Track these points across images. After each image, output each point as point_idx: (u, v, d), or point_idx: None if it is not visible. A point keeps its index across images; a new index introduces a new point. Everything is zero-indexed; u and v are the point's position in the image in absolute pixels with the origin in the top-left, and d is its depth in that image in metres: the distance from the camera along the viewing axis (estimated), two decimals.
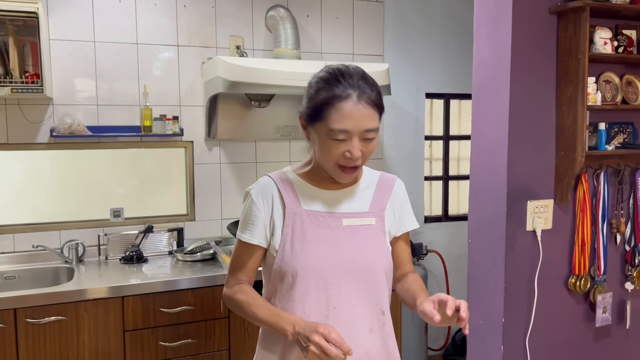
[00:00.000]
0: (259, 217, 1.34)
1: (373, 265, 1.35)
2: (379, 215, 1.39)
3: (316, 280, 1.30)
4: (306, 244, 1.30)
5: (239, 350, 2.57)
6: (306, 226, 1.32)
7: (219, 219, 3.12)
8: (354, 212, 1.36)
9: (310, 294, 1.30)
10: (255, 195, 1.36)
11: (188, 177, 3.05)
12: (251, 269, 1.39)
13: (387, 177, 1.48)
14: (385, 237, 1.39)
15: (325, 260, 1.31)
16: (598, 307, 2.26)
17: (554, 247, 2.20)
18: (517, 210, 2.13)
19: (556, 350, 2.26)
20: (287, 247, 1.31)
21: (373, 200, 1.40)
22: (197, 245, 2.85)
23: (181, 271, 2.61)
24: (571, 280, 2.23)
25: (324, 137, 1.24)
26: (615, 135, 2.24)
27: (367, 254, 1.35)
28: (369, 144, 1.26)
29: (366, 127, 1.23)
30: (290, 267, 1.30)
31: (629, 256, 2.33)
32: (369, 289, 1.34)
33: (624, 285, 2.34)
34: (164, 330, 2.45)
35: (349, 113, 1.20)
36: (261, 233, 1.34)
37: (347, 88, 1.22)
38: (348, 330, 1.29)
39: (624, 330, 2.38)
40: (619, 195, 2.29)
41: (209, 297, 2.51)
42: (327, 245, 1.32)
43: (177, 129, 2.89)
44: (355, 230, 1.35)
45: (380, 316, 1.36)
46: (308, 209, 1.33)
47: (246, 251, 1.36)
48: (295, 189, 1.36)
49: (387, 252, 1.39)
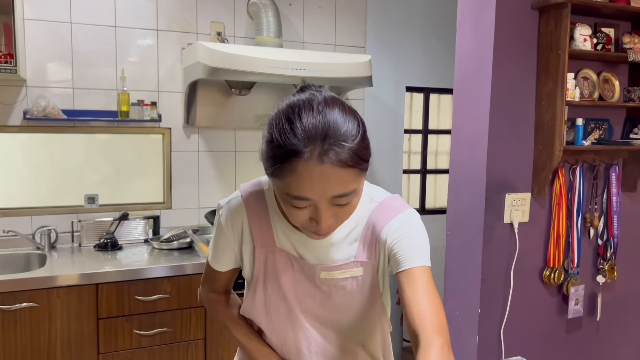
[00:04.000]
0: (227, 246, 1.16)
1: (359, 320, 1.15)
2: (367, 265, 1.10)
3: (294, 327, 1.15)
4: (280, 290, 1.12)
5: (215, 339, 2.55)
6: (279, 269, 1.11)
7: (196, 207, 3.08)
8: (334, 266, 1.09)
9: (288, 339, 1.17)
10: (224, 219, 1.13)
11: (165, 165, 3.00)
12: (223, 285, 1.26)
13: (386, 210, 1.10)
14: (377, 287, 1.14)
15: (301, 310, 1.13)
16: (571, 299, 2.31)
17: (530, 240, 2.24)
18: (495, 203, 2.16)
19: (529, 341, 2.30)
20: (259, 290, 1.13)
21: (360, 247, 1.10)
22: (173, 233, 2.81)
23: (157, 259, 2.57)
24: (546, 272, 2.27)
25: (283, 198, 0.95)
26: (592, 131, 2.28)
27: (349, 309, 1.13)
28: (344, 208, 0.95)
29: (335, 193, 0.91)
30: (266, 312, 1.15)
31: (601, 250, 2.39)
32: (352, 333, 1.18)
33: (596, 278, 2.39)
34: (139, 318, 2.41)
35: (309, 178, 0.88)
36: (230, 260, 1.18)
37: (307, 144, 0.88)
38: None
39: (595, 322, 2.43)
40: (594, 190, 2.34)
41: (186, 285, 2.48)
42: (303, 294, 1.12)
43: (155, 115, 2.84)
44: (335, 282, 1.10)
45: (361, 348, 1.22)
46: (282, 249, 1.11)
47: (217, 272, 1.22)
48: (270, 220, 1.11)
49: (378, 298, 1.15)
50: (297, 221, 0.98)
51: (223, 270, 1.20)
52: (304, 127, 0.89)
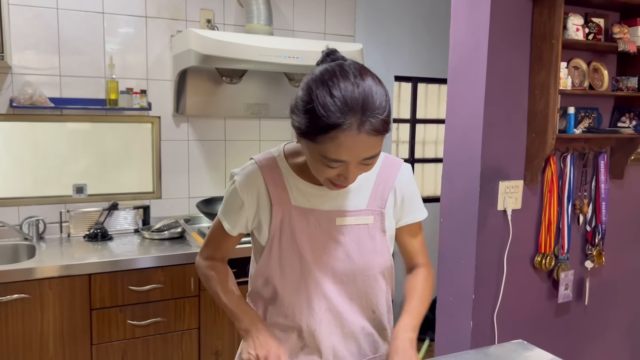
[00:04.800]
0: (241, 210, 1.23)
1: (367, 268, 1.25)
2: (377, 213, 1.25)
3: (306, 283, 1.22)
4: (295, 246, 1.20)
5: (209, 329, 2.55)
6: (295, 225, 1.20)
7: (187, 197, 3.06)
8: (349, 211, 1.23)
9: (300, 297, 1.23)
10: (240, 186, 1.21)
11: (154, 154, 2.97)
12: (226, 250, 1.33)
13: (390, 164, 1.29)
14: (384, 236, 1.26)
15: (315, 263, 1.21)
16: (561, 284, 2.36)
17: (523, 227, 2.28)
18: (489, 190, 2.19)
19: (521, 325, 2.35)
20: (274, 247, 1.21)
21: (372, 195, 1.25)
22: (165, 223, 2.79)
23: (148, 249, 2.55)
24: (537, 258, 2.31)
25: (315, 158, 1.07)
26: (582, 120, 2.32)
27: (360, 257, 1.24)
28: (368, 167, 1.09)
29: (366, 156, 1.04)
30: (279, 269, 1.22)
31: (589, 236, 2.44)
32: (360, 292, 1.27)
33: (584, 264, 2.45)
34: (133, 308, 2.39)
35: (347, 146, 1.01)
36: (241, 225, 1.25)
37: (347, 115, 0.99)
38: (339, 330, 1.28)
39: (582, 306, 2.49)
40: (583, 177, 2.39)
41: (179, 275, 2.47)
42: (318, 246, 1.21)
43: (144, 103, 2.80)
44: (349, 230, 1.22)
45: (371, 314, 1.31)
46: (298, 206, 1.21)
47: (223, 234, 1.28)
48: (284, 181, 1.21)
49: (385, 252, 1.27)
50: (324, 176, 1.09)
51: (234, 233, 1.27)
52: (344, 99, 1.00)
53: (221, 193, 3.13)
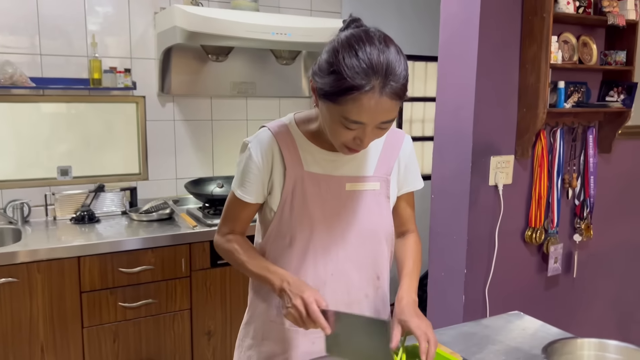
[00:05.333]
0: (257, 176, 1.25)
1: (373, 232, 1.30)
2: (384, 180, 1.31)
3: (314, 247, 1.26)
4: (306, 210, 1.24)
5: (201, 309, 2.54)
6: (307, 190, 1.24)
7: (174, 178, 3.02)
8: (358, 176, 1.28)
9: (307, 260, 1.26)
10: (255, 151, 1.25)
11: (140, 135, 2.92)
12: (245, 222, 1.33)
13: (395, 135, 1.36)
14: (388, 202, 1.32)
15: (325, 227, 1.25)
16: (550, 258, 2.39)
17: (513, 202, 2.30)
18: (480, 166, 2.20)
19: (511, 299, 2.38)
20: (285, 210, 1.25)
21: (379, 162, 1.31)
22: (153, 204, 2.75)
23: (137, 231, 2.52)
24: (527, 232, 2.34)
25: (335, 119, 1.10)
26: (571, 94, 2.33)
27: (368, 221, 1.29)
28: (383, 131, 1.14)
29: (383, 119, 1.09)
30: (289, 233, 1.25)
31: (578, 210, 2.47)
32: (367, 256, 1.31)
33: (573, 237, 2.48)
34: (123, 290, 2.37)
35: (368, 107, 1.05)
36: (258, 191, 1.27)
37: (371, 78, 1.04)
38: (344, 297, 1.30)
39: (571, 279, 2.54)
40: (572, 152, 2.41)
41: (170, 256, 2.44)
42: (328, 210, 1.25)
43: (129, 82, 2.74)
44: (357, 195, 1.28)
45: (375, 281, 1.34)
46: (310, 171, 1.24)
47: (241, 206, 1.29)
48: (297, 147, 1.25)
49: (389, 217, 1.33)
50: (341, 139, 1.13)
51: (252, 201, 1.27)
52: (370, 62, 1.04)
53: (209, 174, 3.09)
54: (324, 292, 1.27)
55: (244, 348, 1.39)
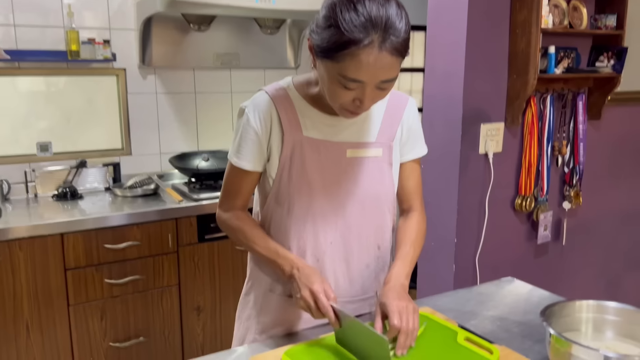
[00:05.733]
0: (255, 141, 1.19)
1: (375, 200, 1.25)
2: (387, 146, 1.25)
3: (313, 215, 1.21)
4: (305, 177, 1.19)
5: (190, 285, 2.50)
6: (306, 156, 1.18)
7: (158, 153, 2.95)
8: (360, 143, 1.22)
9: (306, 229, 1.22)
10: (252, 115, 1.19)
11: (121, 109, 2.84)
12: (246, 194, 1.28)
13: (398, 99, 1.29)
14: (391, 170, 1.26)
15: (324, 194, 1.20)
16: (540, 226, 2.39)
17: (503, 170, 2.28)
18: (470, 134, 2.17)
19: (501, 267, 2.38)
20: (284, 177, 1.19)
21: (382, 128, 1.25)
22: (137, 180, 2.69)
23: (122, 207, 2.46)
24: (517, 201, 2.33)
25: (333, 79, 1.05)
26: (561, 60, 2.30)
27: (369, 189, 1.24)
28: (384, 92, 1.08)
29: (384, 78, 1.03)
30: (287, 201, 1.20)
31: (567, 177, 2.47)
32: (368, 225, 1.26)
33: (562, 205, 2.48)
34: (109, 267, 2.32)
35: (367, 63, 0.99)
36: (256, 157, 1.21)
37: (370, 32, 0.98)
38: (343, 266, 1.27)
39: (560, 247, 2.54)
40: (562, 118, 2.39)
41: (156, 232, 2.40)
42: (328, 178, 1.20)
43: (108, 54, 2.65)
44: (359, 162, 1.22)
45: (376, 251, 1.30)
46: (309, 137, 1.19)
47: (240, 176, 1.24)
48: (296, 111, 1.19)
49: (391, 186, 1.28)
50: (339, 100, 1.07)
51: (250, 168, 1.22)
52: (369, 15, 0.99)
53: (194, 148, 3.03)
54: (323, 261, 1.24)
55: (243, 319, 1.36)
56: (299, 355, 1.08)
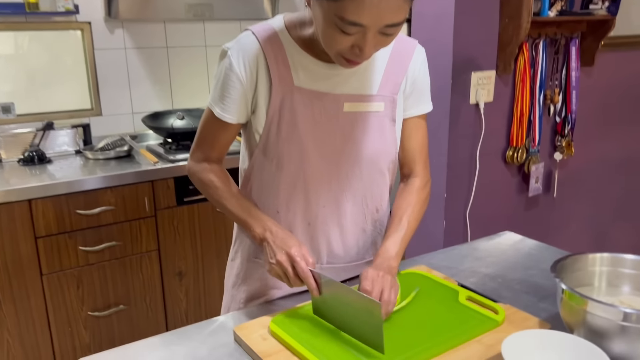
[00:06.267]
0: (239, 90, 1.04)
1: (374, 160, 1.11)
2: (389, 100, 1.10)
3: (305, 176, 1.08)
4: (296, 133, 1.05)
5: (170, 250, 2.40)
6: (297, 109, 1.04)
7: (130, 112, 2.79)
8: (359, 95, 1.07)
9: (297, 191, 1.09)
10: (236, 60, 1.03)
11: (89, 66, 2.65)
12: (223, 147, 1.14)
13: (404, 44, 1.12)
14: (394, 127, 1.12)
15: (317, 153, 1.07)
16: (531, 178, 2.32)
17: (495, 120, 2.19)
18: (461, 83, 2.06)
19: (492, 222, 2.31)
20: (272, 134, 1.06)
21: (384, 78, 1.09)
22: (109, 141, 2.53)
23: (94, 170, 2.31)
24: (509, 152, 2.24)
25: (329, 21, 0.89)
26: (554, 2, 2.18)
27: (368, 148, 1.10)
28: (388, 39, 0.92)
29: (389, 21, 0.88)
30: (275, 159, 1.07)
31: (559, 127, 2.39)
32: (364, 186, 1.13)
33: (553, 156, 2.41)
34: (83, 234, 2.20)
35: (369, 4, 0.84)
36: (240, 109, 1.07)
37: None
38: (337, 231, 1.15)
39: (551, 199, 2.48)
40: (555, 65, 2.29)
41: (132, 195, 2.27)
42: (321, 135, 1.06)
43: (70, 5, 2.45)
44: (358, 117, 1.08)
45: (374, 214, 1.18)
46: (301, 87, 1.04)
47: (219, 126, 1.10)
48: (287, 56, 1.03)
49: (393, 144, 1.13)
50: (336, 47, 0.93)
51: (233, 121, 1.08)
52: None
53: (168, 107, 2.87)
54: (315, 226, 1.13)
55: (229, 286, 1.26)
56: (288, 323, 0.99)
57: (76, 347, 2.27)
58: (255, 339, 0.96)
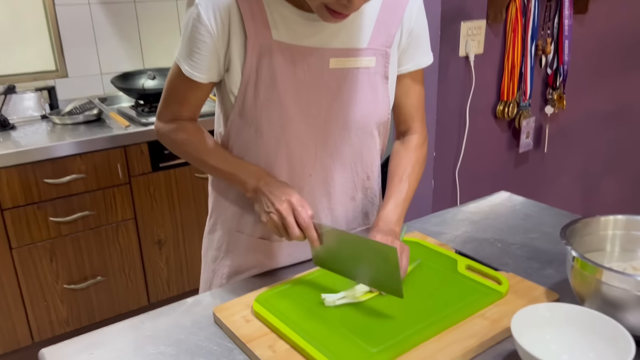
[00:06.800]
0: (209, 45, 0.91)
1: (364, 123, 1.01)
2: (381, 54, 0.98)
3: (287, 143, 0.97)
4: (275, 94, 0.93)
5: (147, 218, 2.29)
6: (277, 66, 0.92)
7: (98, 74, 2.62)
8: (347, 49, 0.95)
9: (279, 159, 0.99)
10: (205, 10, 0.89)
11: (50, 24, 2.46)
12: (195, 105, 1.02)
13: None
14: (386, 85, 1.00)
15: (301, 116, 0.95)
16: (522, 133, 2.24)
17: (485, 73, 2.08)
18: (450, 34, 1.94)
19: (481, 181, 2.24)
20: (248, 95, 0.94)
21: (376, 30, 0.97)
22: (76, 105, 2.38)
23: (62, 136, 2.17)
24: (499, 107, 2.15)
25: None
26: None
27: (358, 109, 0.99)
28: None
29: None
30: (254, 124, 0.96)
31: (550, 79, 2.29)
32: (354, 152, 1.03)
33: (544, 110, 2.32)
34: (53, 204, 2.07)
35: None
36: (212, 67, 0.94)
37: None
38: (325, 201, 1.05)
39: (541, 154, 2.41)
40: (547, 13, 2.17)
41: (103, 162, 2.14)
42: (305, 96, 0.95)
43: None
44: (345, 75, 0.96)
45: (365, 181, 1.09)
46: (281, 41, 0.91)
47: (187, 84, 0.97)
48: (264, 5, 0.90)
49: (385, 104, 1.02)
50: (319, 1, 0.81)
51: (203, 80, 0.96)
52: None
53: (138, 66, 2.70)
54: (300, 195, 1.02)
55: (209, 260, 1.16)
56: (274, 302, 0.90)
57: (53, 322, 2.18)
58: (237, 321, 0.87)
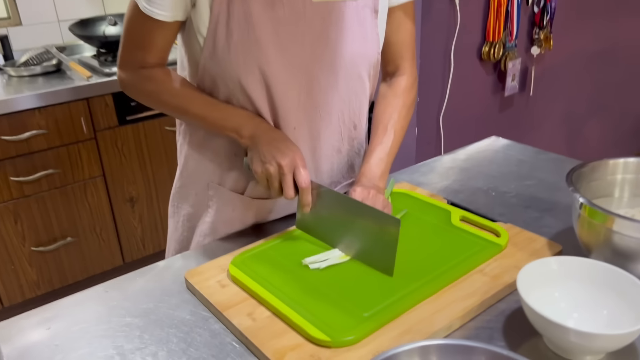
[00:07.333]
0: None
1: (351, 65, 0.90)
2: None
3: (266, 91, 0.86)
4: (251, 35, 0.81)
5: (117, 174, 2.16)
6: (251, 3, 0.80)
7: (55, 20, 2.43)
8: None
9: (257, 110, 0.87)
10: None
11: None
12: (162, 49, 0.88)
13: None
14: (375, 20, 0.90)
15: (281, 60, 0.84)
16: (508, 75, 2.15)
17: (470, 13, 1.97)
18: None
19: (466, 126, 2.16)
20: (219, 36, 0.81)
21: None
22: (32, 54, 2.20)
23: (19, 88, 2.01)
24: (485, 48, 2.05)
25: None
26: None
27: (345, 49, 0.87)
28: None
29: None
30: (227, 72, 0.84)
31: (537, 18, 2.18)
32: (341, 99, 0.93)
33: (530, 51, 2.23)
34: (13, 162, 1.93)
35: None
36: (177, 3, 0.81)
37: None
38: (309, 155, 0.94)
39: (526, 98, 2.33)
40: None
41: (65, 116, 1.99)
42: (285, 36, 0.83)
43: None
44: (330, 10, 0.84)
45: (351, 131, 0.98)
46: None
47: (150, 25, 0.83)
48: None
49: (375, 43, 0.91)
50: None
51: (167, 18, 0.82)
52: None
53: (99, 12, 2.51)
54: None
55: (181, 218, 1.04)
56: (252, 264, 0.81)
57: (23, 285, 2.09)
58: (212, 286, 0.78)
